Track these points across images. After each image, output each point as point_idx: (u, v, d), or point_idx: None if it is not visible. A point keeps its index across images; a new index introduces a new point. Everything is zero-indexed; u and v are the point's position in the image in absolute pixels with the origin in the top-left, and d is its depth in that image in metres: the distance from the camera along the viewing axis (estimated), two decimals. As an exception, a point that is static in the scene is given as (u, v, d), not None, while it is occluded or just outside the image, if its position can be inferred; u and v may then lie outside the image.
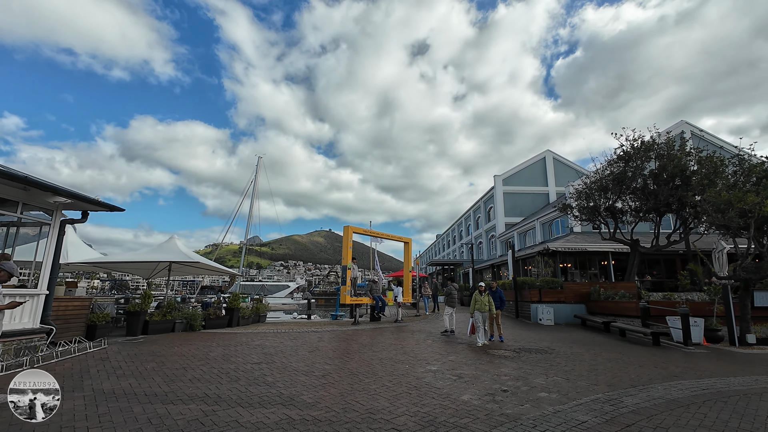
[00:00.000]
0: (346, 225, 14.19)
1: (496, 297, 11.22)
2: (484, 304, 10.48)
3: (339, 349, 9.16)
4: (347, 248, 14.06)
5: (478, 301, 10.46)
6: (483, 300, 10.55)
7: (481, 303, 10.49)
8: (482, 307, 10.45)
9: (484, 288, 11.33)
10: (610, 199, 17.07)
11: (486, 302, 10.54)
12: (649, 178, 15.76)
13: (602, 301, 15.33)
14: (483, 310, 10.40)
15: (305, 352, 8.56)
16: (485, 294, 10.75)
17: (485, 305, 10.47)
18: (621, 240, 17.45)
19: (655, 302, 13.32)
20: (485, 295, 10.68)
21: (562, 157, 41.33)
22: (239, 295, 13.48)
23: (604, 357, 8.98)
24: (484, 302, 10.51)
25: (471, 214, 49.76)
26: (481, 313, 10.38)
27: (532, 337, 12.11)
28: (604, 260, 21.58)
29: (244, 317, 13.55)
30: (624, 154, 16.55)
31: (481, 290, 11.24)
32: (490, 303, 10.74)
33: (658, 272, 21.37)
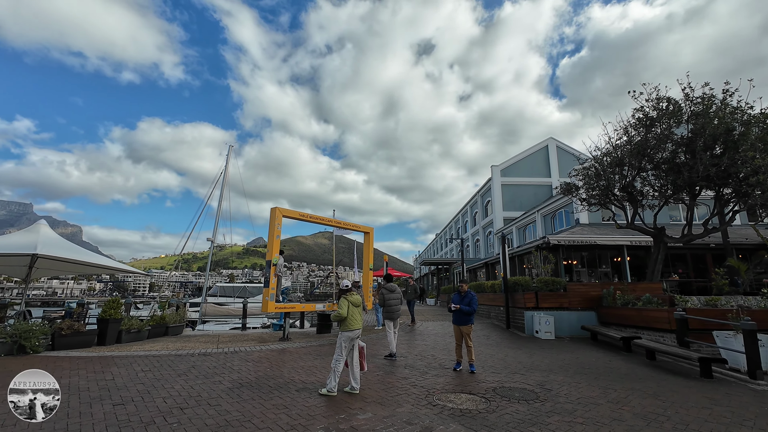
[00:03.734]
0: (273, 207, 10.60)
1: (464, 304, 7.53)
2: (353, 318, 5.93)
3: (190, 394, 5.52)
4: (273, 237, 10.45)
5: (343, 310, 5.89)
6: (347, 307, 5.91)
7: (350, 316, 5.91)
8: (351, 322, 5.89)
9: (466, 288, 7.75)
10: (627, 176, 13.30)
11: (356, 314, 6.00)
12: (679, 146, 11.99)
13: (619, 308, 11.58)
14: (351, 327, 5.87)
15: (97, 408, 4.94)
16: (367, 295, 7.04)
17: (354, 321, 5.94)
18: (641, 228, 13.68)
19: (695, 310, 9.56)
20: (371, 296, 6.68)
21: (566, 145, 37.48)
22: (118, 299, 9.91)
23: (634, 407, 5.30)
24: (348, 314, 5.89)
25: (468, 209, 46.01)
26: (350, 333, 5.85)
27: (521, 361, 8.41)
28: (617, 256, 17.78)
29: (130, 331, 9.98)
30: (645, 118, 12.78)
31: (462, 291, 7.69)
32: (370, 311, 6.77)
33: (684, 271, 17.54)
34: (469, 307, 7.45)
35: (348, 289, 6.18)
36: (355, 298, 6.14)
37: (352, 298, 6.10)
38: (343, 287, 6.18)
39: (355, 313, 6.01)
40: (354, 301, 6.08)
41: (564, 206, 24.43)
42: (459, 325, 7.61)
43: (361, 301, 6.24)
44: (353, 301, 6.07)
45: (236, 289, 40.58)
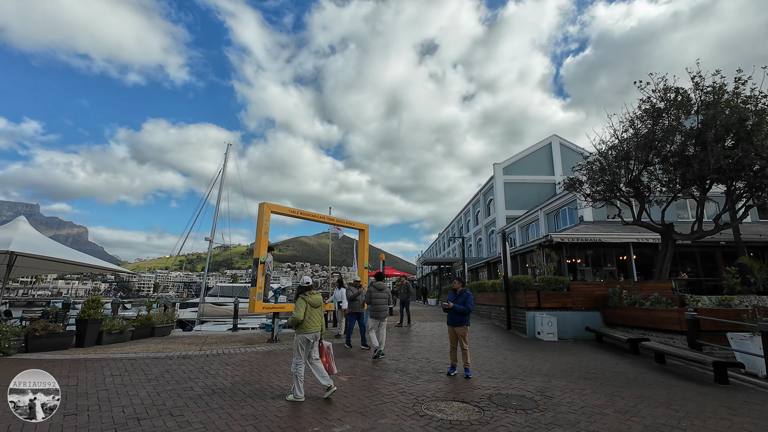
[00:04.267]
0: (261, 202, 10.13)
1: (459, 303, 7.00)
2: (311, 320, 5.36)
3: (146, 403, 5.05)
4: (261, 233, 9.97)
5: (300, 312, 5.29)
6: (304, 308, 5.33)
7: (308, 318, 5.34)
8: (308, 325, 5.32)
9: (460, 286, 7.25)
10: (634, 170, 12.70)
11: (314, 315, 5.41)
12: (689, 138, 11.38)
13: (625, 308, 11.00)
14: (308, 330, 5.31)
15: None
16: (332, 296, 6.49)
17: (312, 323, 5.36)
18: (649, 225, 13.08)
19: (707, 311, 8.97)
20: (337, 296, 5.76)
21: (570, 142, 36.78)
22: (98, 298, 9.47)
23: (645, 417, 4.75)
24: (305, 316, 5.31)
25: (470, 208, 45.41)
26: (307, 335, 5.29)
27: (521, 365, 7.87)
28: (623, 254, 17.16)
29: (111, 332, 9.54)
30: (652, 109, 12.19)
31: (456, 288, 7.20)
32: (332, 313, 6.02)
33: (693, 269, 16.88)
34: (464, 306, 6.91)
35: (308, 287, 5.59)
36: (314, 298, 5.54)
37: (312, 298, 5.51)
38: (303, 284, 5.62)
39: (313, 315, 5.45)
40: (313, 302, 5.49)
41: (568, 203, 23.82)
42: (453, 326, 7.09)
43: (321, 302, 5.63)
44: (312, 302, 5.47)
45: (236, 289, 40.20)
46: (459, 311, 6.92)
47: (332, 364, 5.62)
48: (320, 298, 5.63)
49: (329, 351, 5.63)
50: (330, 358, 5.60)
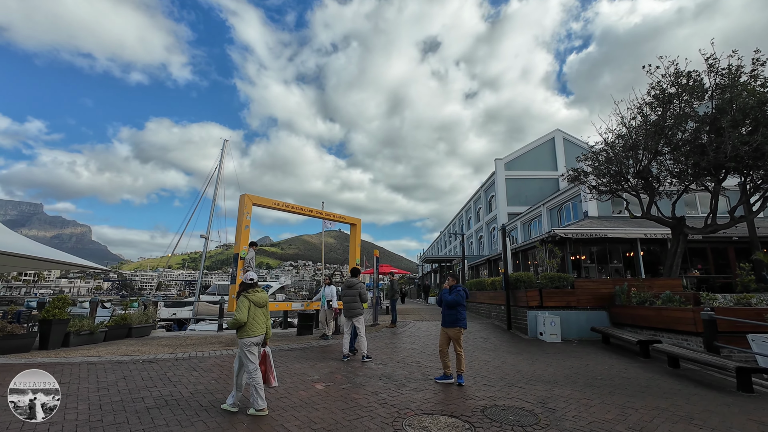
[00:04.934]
0: (242, 193, 9.44)
1: (450, 302, 6.31)
2: (255, 322, 4.66)
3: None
4: (241, 227, 9.28)
5: (242, 313, 4.58)
6: (247, 308, 4.64)
7: (251, 319, 4.65)
8: (252, 327, 4.62)
9: (452, 282, 6.57)
10: (643, 160, 11.92)
11: (259, 316, 4.72)
12: (703, 124, 10.59)
13: (634, 307, 10.25)
14: (253, 333, 4.60)
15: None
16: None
17: (256, 325, 4.66)
18: (658, 219, 12.30)
19: (725, 310, 8.21)
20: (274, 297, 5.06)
21: (573, 137, 35.90)
22: (65, 297, 8.80)
23: (665, 440, 4.04)
24: (249, 317, 4.63)
25: (471, 205, 44.65)
26: (252, 339, 4.59)
27: (521, 370, 7.15)
28: (630, 250, 16.38)
29: (80, 333, 8.89)
30: (662, 94, 11.40)
31: (450, 286, 6.54)
32: (268, 318, 4.94)
33: (704, 266, 16.09)
34: (453, 297, 6.25)
35: (251, 284, 4.82)
36: (258, 296, 4.76)
37: (256, 296, 4.75)
38: (247, 281, 4.85)
39: (258, 315, 4.71)
40: (257, 300, 4.74)
41: (571, 198, 23.02)
42: (446, 327, 6.39)
43: (266, 300, 4.86)
44: (256, 300, 4.72)
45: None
46: (450, 305, 6.27)
47: (272, 374, 4.83)
48: (266, 297, 4.88)
49: (269, 358, 4.87)
50: (270, 368, 4.83)
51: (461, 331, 6.32)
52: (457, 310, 6.29)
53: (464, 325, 6.31)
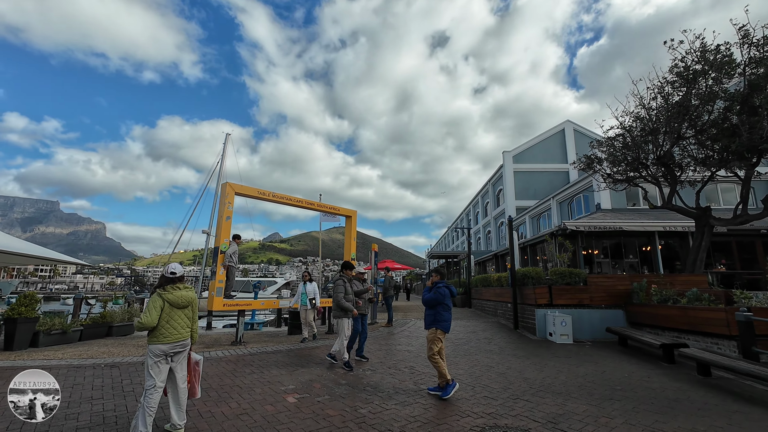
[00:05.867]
0: (224, 182, 8.68)
1: (428, 300, 5.53)
2: (170, 325, 3.81)
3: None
4: (223, 218, 8.53)
5: (149, 315, 3.69)
6: (159, 309, 3.78)
7: (164, 322, 3.79)
8: (165, 331, 3.76)
9: (435, 279, 5.78)
10: (664, 144, 10.87)
11: (176, 319, 3.84)
12: (734, 103, 9.50)
13: (655, 305, 9.28)
14: (165, 339, 3.73)
15: None
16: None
17: (171, 329, 3.79)
18: (681, 209, 11.26)
19: (764, 310, 7.21)
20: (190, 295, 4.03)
21: (584, 128, 34.54)
22: (33, 294, 8.16)
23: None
24: (162, 319, 3.78)
25: (479, 200, 43.57)
26: (162, 346, 3.71)
27: (528, 378, 6.28)
28: (647, 244, 15.31)
29: (51, 333, 8.26)
30: (686, 71, 10.31)
31: (434, 281, 5.78)
32: (193, 321, 4.10)
33: (728, 261, 14.95)
34: (432, 295, 5.47)
35: (172, 279, 3.94)
36: (178, 294, 3.86)
37: (174, 294, 3.86)
38: (167, 274, 3.95)
39: (174, 318, 3.83)
40: (175, 300, 3.83)
41: (583, 190, 21.90)
42: (426, 329, 5.59)
43: (191, 300, 3.98)
44: (173, 299, 3.83)
45: (238, 284, 39.22)
46: (426, 301, 5.55)
47: (196, 386, 4.07)
48: (189, 296, 3.98)
49: (197, 367, 4.09)
50: (196, 378, 4.06)
51: (437, 333, 5.44)
52: (436, 310, 5.49)
53: (444, 327, 5.43)
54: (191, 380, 4.05)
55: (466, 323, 12.95)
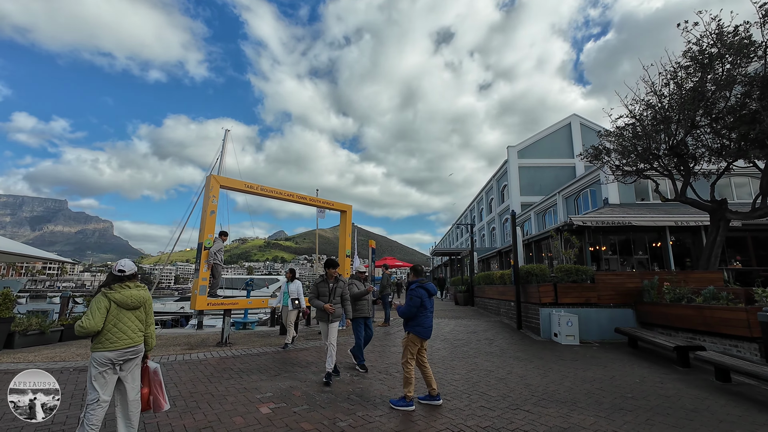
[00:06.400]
0: (209, 174, 8.24)
1: (406, 313, 4.92)
2: (118, 329, 3.29)
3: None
4: (207, 212, 8.09)
5: (92, 318, 3.16)
6: (104, 310, 3.25)
7: (111, 325, 3.27)
8: (111, 335, 3.24)
9: (412, 277, 5.30)
10: (677, 133, 10.24)
11: (125, 322, 3.33)
12: (754, 87, 8.85)
13: (668, 305, 8.69)
14: (111, 345, 3.21)
15: None
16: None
17: (119, 334, 3.27)
18: (695, 202, 10.63)
19: (788, 310, 6.61)
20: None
21: (591, 121, 33.71)
22: (7, 291, 7.76)
23: None
24: (107, 322, 3.25)
25: (483, 196, 42.88)
26: (107, 353, 3.19)
27: (531, 384, 5.75)
28: (657, 240, 14.66)
29: (27, 334, 7.88)
30: (701, 55, 9.66)
31: (409, 281, 5.31)
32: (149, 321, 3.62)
33: (744, 257, 14.26)
34: (406, 306, 4.87)
35: (120, 277, 3.43)
36: (127, 294, 3.37)
37: (121, 294, 3.35)
38: (115, 272, 3.44)
39: (123, 321, 3.33)
40: (123, 300, 3.34)
41: (590, 185, 21.21)
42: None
43: (143, 300, 3.48)
44: (121, 300, 3.33)
45: (241, 281, 39.01)
46: (400, 314, 4.95)
47: (161, 397, 3.55)
48: (141, 295, 3.49)
49: (157, 377, 3.58)
50: (158, 389, 3.55)
51: (408, 338, 4.83)
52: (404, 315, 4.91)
53: (419, 332, 4.77)
54: (153, 392, 3.56)
55: (468, 323, 12.43)
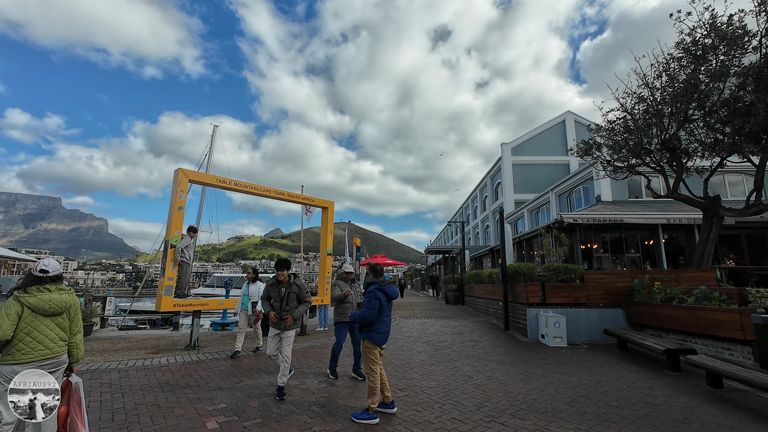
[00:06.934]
0: (177, 168, 7.78)
1: (361, 318, 4.47)
2: (30, 339, 2.91)
3: None
4: (174, 208, 7.63)
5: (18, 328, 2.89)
6: (15, 316, 2.88)
7: (23, 334, 2.89)
8: (23, 346, 2.87)
9: (371, 278, 4.92)
10: (669, 127, 9.89)
11: (41, 330, 2.95)
12: (748, 78, 8.50)
13: (658, 305, 8.35)
14: (22, 357, 2.86)
15: None
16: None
17: (36, 344, 2.91)
18: (687, 198, 10.29)
19: (783, 311, 6.27)
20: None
21: (585, 118, 33.43)
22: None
23: None
24: (18, 330, 2.88)
25: (477, 194, 42.58)
26: (16, 367, 2.82)
27: (511, 391, 5.37)
28: (649, 238, 14.34)
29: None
30: (694, 46, 9.31)
31: (367, 283, 4.95)
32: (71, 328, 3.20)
33: (738, 256, 13.98)
34: (362, 311, 4.50)
35: (40, 279, 3.05)
36: (43, 298, 2.98)
37: (36, 298, 2.96)
38: (36, 272, 3.03)
39: (38, 329, 2.94)
40: (39, 305, 2.95)
41: (583, 182, 20.92)
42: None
43: (65, 305, 3.07)
44: (37, 305, 2.95)
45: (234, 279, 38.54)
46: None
47: (79, 419, 3.03)
48: (64, 299, 3.09)
49: (78, 393, 3.11)
50: (78, 408, 3.06)
51: (366, 345, 4.44)
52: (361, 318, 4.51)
53: (373, 338, 4.40)
54: (70, 412, 3.09)
55: (454, 323, 12.06)
